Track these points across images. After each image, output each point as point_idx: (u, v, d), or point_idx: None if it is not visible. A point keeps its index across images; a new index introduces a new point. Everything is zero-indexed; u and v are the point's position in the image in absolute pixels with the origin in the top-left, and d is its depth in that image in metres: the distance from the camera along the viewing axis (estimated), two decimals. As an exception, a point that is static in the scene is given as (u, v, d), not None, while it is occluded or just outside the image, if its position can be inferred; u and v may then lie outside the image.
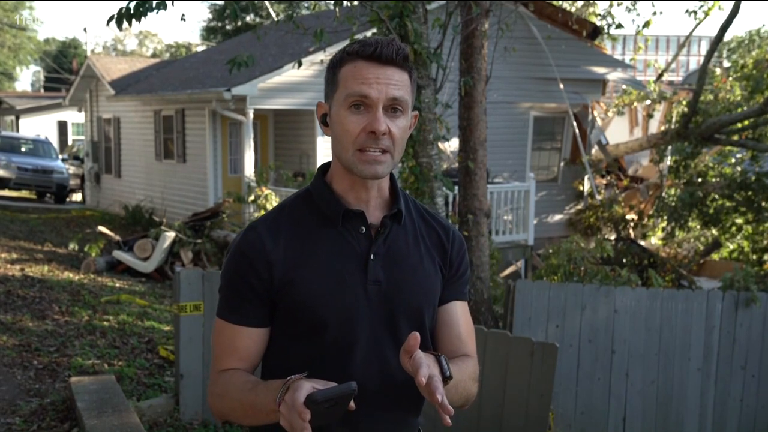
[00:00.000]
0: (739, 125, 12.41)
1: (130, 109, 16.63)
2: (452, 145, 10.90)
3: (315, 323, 1.54)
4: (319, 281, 1.54)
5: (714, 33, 13.08)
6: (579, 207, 14.85)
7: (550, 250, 9.70)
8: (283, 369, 1.52)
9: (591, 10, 17.50)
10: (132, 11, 5.35)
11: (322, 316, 1.54)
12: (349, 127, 1.52)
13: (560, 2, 16.93)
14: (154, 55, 55.57)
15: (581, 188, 14.85)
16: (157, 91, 14.89)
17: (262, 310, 1.57)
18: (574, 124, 14.07)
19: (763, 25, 38.54)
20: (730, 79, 15.82)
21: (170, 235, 10.64)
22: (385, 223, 1.61)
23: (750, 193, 12.19)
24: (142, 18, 5.36)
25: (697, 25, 18.23)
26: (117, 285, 9.71)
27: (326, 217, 1.58)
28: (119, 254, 10.89)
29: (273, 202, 11.34)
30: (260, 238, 1.55)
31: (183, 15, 6.96)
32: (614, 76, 15.04)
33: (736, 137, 12.56)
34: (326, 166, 1.68)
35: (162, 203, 14.89)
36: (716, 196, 12.76)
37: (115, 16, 5.40)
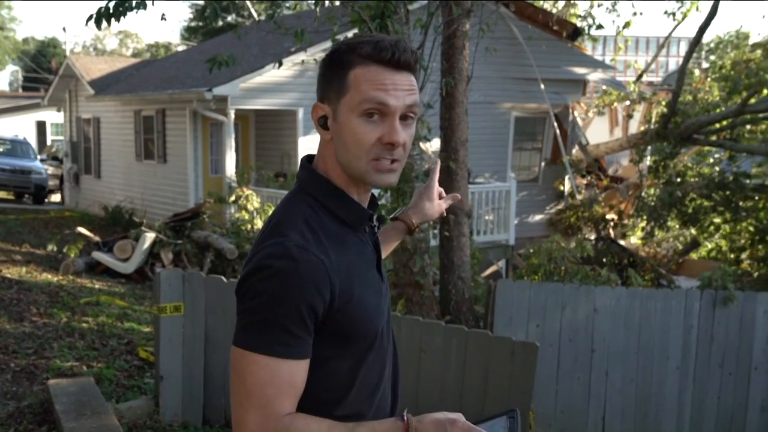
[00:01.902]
0: (718, 125, 12.54)
1: (110, 109, 16.51)
2: (434, 145, 10.91)
3: (368, 336, 1.48)
4: (367, 293, 1.47)
5: (693, 34, 13.19)
6: (560, 207, 14.93)
7: (531, 250, 9.75)
8: (319, 387, 1.43)
9: (571, 10, 17.61)
10: (111, 11, 5.31)
11: (375, 329, 1.49)
12: (364, 137, 1.42)
13: (541, 3, 17.01)
14: (134, 55, 55.22)
15: (562, 188, 14.93)
16: (137, 91, 14.79)
17: (312, 336, 1.40)
18: (555, 124, 14.15)
19: (741, 27, 38.95)
20: (709, 79, 15.98)
21: (150, 235, 10.57)
22: (381, 218, 1.60)
23: (728, 192, 12.31)
24: (122, 17, 5.33)
25: (676, 26, 18.39)
26: (96, 286, 9.64)
27: (344, 223, 1.49)
28: (99, 255, 10.81)
29: (254, 202, 11.31)
30: (319, 257, 1.37)
31: (163, 15, 6.92)
32: (595, 76, 15.13)
33: (714, 137, 12.68)
34: (311, 162, 1.56)
35: (142, 204, 14.80)
36: (695, 196, 12.87)
37: (95, 15, 5.37)
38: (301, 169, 1.55)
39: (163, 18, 6.94)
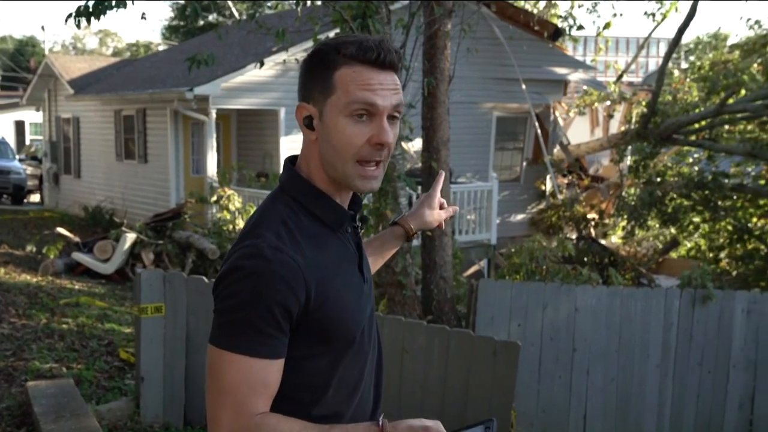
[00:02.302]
0: (697, 125, 12.64)
1: (90, 109, 16.38)
2: (415, 145, 10.93)
3: (347, 336, 1.48)
4: (345, 292, 1.47)
5: (672, 35, 13.30)
6: (541, 206, 15.00)
7: (513, 250, 9.80)
8: (296, 387, 1.44)
9: (552, 11, 17.69)
10: (91, 9, 5.28)
11: (353, 329, 1.49)
12: (353, 139, 1.42)
13: (522, 3, 17.08)
14: (114, 54, 54.83)
15: (543, 188, 15.00)
16: (117, 91, 14.69)
17: (288, 336, 1.40)
18: (536, 124, 14.21)
19: (719, 28, 39.34)
20: (688, 80, 16.11)
21: (131, 236, 10.51)
22: (364, 218, 1.60)
23: (707, 192, 12.42)
24: (102, 16, 5.30)
25: (655, 27, 18.54)
26: (76, 287, 9.57)
27: (324, 224, 1.49)
28: (78, 256, 10.73)
29: (236, 202, 11.27)
30: (293, 258, 1.37)
31: (143, 14, 6.88)
32: (575, 76, 15.21)
33: (693, 137, 12.79)
34: (293, 163, 1.55)
35: (123, 204, 14.70)
36: (674, 196, 12.98)
37: (74, 13, 5.33)
38: (283, 170, 1.54)
39: (143, 17, 6.90)
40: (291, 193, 1.49)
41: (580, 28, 15.65)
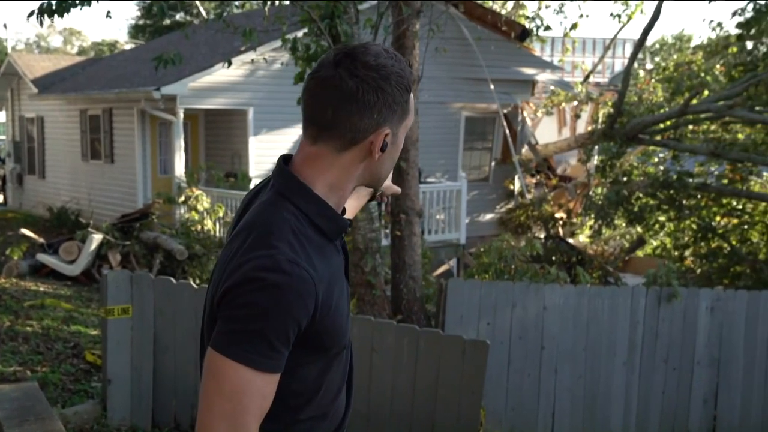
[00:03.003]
0: (662, 126, 12.80)
1: (55, 108, 16.16)
2: (385, 145, 10.92)
3: (341, 343, 1.50)
4: (340, 301, 1.47)
5: (638, 36, 13.48)
6: (510, 206, 15.10)
7: (482, 249, 9.84)
8: (288, 393, 1.45)
9: (520, 12, 17.82)
10: (54, 7, 5.21)
11: (345, 335, 1.51)
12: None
13: (490, 3, 17.18)
14: (79, 53, 54.10)
15: (512, 187, 15.10)
16: (83, 90, 14.50)
17: (290, 350, 1.40)
18: (505, 124, 14.30)
19: (683, 30, 39.92)
20: (653, 80, 16.33)
21: (97, 237, 10.38)
22: (350, 224, 1.61)
23: (672, 191, 12.59)
24: (65, 14, 5.23)
25: (621, 28, 18.81)
26: (41, 289, 9.43)
27: (323, 233, 1.48)
28: (43, 257, 10.58)
29: (204, 202, 11.19)
30: (308, 271, 1.36)
31: (108, 12, 6.78)
32: (543, 77, 15.33)
33: (658, 137, 12.95)
34: (287, 163, 1.51)
35: (89, 205, 14.51)
36: (640, 195, 13.12)
37: (37, 11, 5.25)
38: (280, 174, 1.49)
39: (108, 15, 6.80)
40: (293, 200, 1.45)
41: (548, 28, 15.76)
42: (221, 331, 1.35)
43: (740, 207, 12.99)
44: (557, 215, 14.50)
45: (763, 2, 11.28)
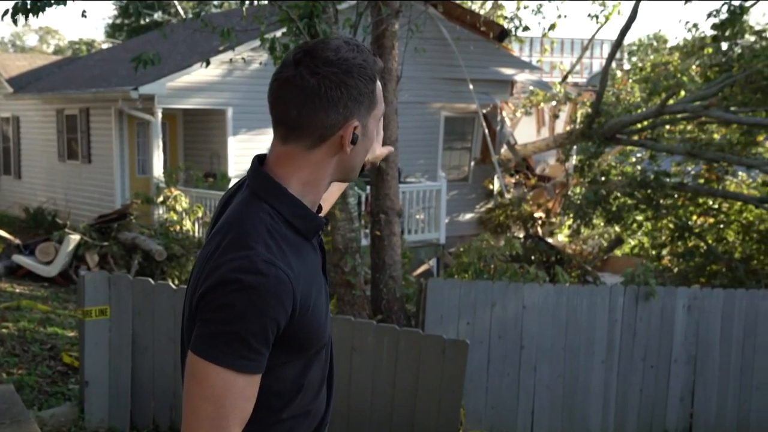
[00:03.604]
0: (639, 126, 12.91)
1: (31, 108, 15.99)
2: (364, 145, 10.92)
3: (320, 342, 1.51)
4: (318, 300, 1.47)
5: (615, 37, 13.57)
6: (489, 206, 15.15)
7: (461, 249, 9.87)
8: (269, 394, 1.45)
9: (499, 12, 17.89)
10: (29, 6, 5.15)
11: (325, 334, 1.51)
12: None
13: (469, 4, 17.23)
14: (56, 52, 53.57)
15: (491, 187, 15.15)
16: (59, 90, 14.36)
17: (270, 349, 1.39)
18: (484, 124, 14.35)
19: (659, 30, 40.22)
20: (630, 81, 16.47)
21: (75, 237, 10.29)
22: (326, 220, 1.61)
23: (649, 191, 12.69)
24: (41, 13, 5.18)
25: (599, 28, 18.90)
26: (17, 290, 9.33)
27: (299, 232, 1.47)
28: (19, 258, 10.47)
29: (183, 203, 11.12)
30: (284, 271, 1.35)
31: (84, 11, 6.72)
32: (522, 77, 15.40)
33: (636, 137, 13.06)
34: (262, 163, 1.51)
35: (66, 205, 14.38)
36: (618, 195, 13.23)
37: (11, 10, 5.19)
38: (254, 175, 1.49)
39: (83, 15, 6.74)
40: (268, 201, 1.45)
41: (526, 29, 15.84)
42: (200, 334, 1.35)
43: (716, 206, 13.13)
44: (536, 215, 14.57)
45: (737, 4, 11.41)
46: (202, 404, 1.34)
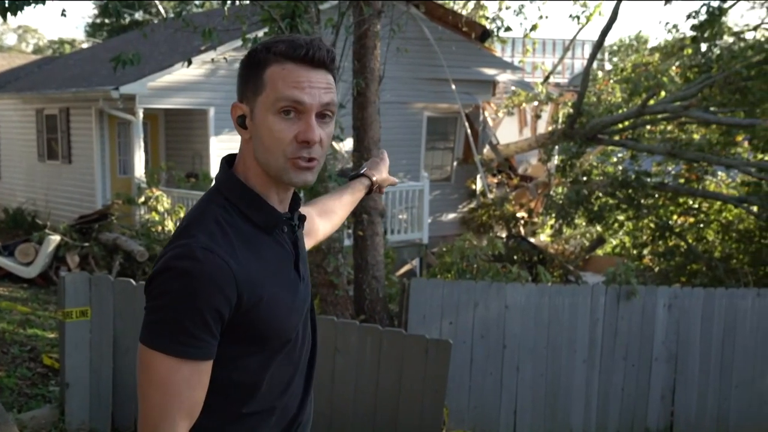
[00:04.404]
0: (620, 126, 13.00)
1: (9, 108, 15.85)
2: (346, 145, 10.93)
3: (282, 337, 1.49)
4: (281, 294, 1.47)
5: (596, 37, 13.66)
6: (472, 206, 15.19)
7: (444, 249, 9.89)
8: (228, 385, 1.45)
9: (480, 13, 17.94)
10: (7, 5, 5.10)
11: (288, 329, 1.50)
12: (280, 135, 1.43)
13: (451, 4, 17.27)
14: (35, 52, 53.09)
15: (474, 187, 15.19)
16: (39, 89, 14.24)
17: (217, 338, 1.39)
18: (466, 124, 14.38)
19: (640, 31, 40.53)
20: (611, 81, 16.57)
21: (55, 238, 10.21)
22: (301, 217, 1.61)
23: (630, 191, 12.78)
24: (19, 12, 5.13)
25: (580, 29, 19.01)
26: (-3, 292, 9.24)
27: (257, 225, 1.48)
28: (-1, 260, 10.36)
29: (165, 203, 11.06)
30: (224, 260, 1.36)
31: (63, 11, 6.67)
32: (504, 77, 15.45)
33: (617, 137, 13.15)
34: (230, 163, 1.55)
35: (46, 206, 14.26)
36: (600, 194, 13.30)
37: (-10, 9, 5.14)
38: (219, 170, 1.55)
39: (63, 14, 6.69)
40: (225, 194, 1.48)
41: (508, 29, 15.90)
42: (144, 322, 1.38)
43: (696, 206, 13.24)
44: (519, 215, 14.62)
45: (715, 5, 11.51)
46: (150, 392, 1.36)
